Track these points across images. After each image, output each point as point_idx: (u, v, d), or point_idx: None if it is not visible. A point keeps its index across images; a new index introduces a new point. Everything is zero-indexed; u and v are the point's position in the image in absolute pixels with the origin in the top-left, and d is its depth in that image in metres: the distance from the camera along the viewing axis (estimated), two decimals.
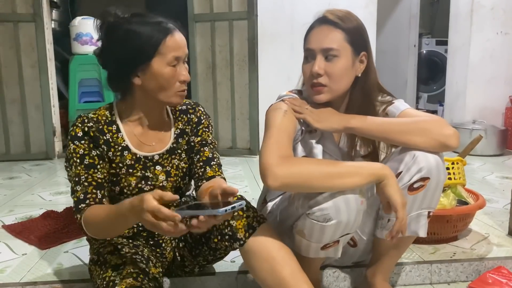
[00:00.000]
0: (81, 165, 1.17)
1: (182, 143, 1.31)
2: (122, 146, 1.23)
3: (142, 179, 1.23)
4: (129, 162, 1.23)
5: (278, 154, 1.12)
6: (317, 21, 1.24)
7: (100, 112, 1.24)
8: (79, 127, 1.19)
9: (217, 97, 3.60)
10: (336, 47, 1.19)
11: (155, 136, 1.27)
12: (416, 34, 5.44)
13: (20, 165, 3.35)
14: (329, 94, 1.23)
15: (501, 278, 1.46)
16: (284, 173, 1.08)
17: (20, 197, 2.47)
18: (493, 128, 3.49)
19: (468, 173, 2.36)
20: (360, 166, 1.12)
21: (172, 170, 1.28)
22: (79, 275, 1.47)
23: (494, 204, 2.20)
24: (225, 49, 3.52)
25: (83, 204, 1.15)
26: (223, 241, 1.18)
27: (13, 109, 3.48)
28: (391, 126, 1.20)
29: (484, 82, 3.77)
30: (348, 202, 1.09)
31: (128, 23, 1.17)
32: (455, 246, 1.67)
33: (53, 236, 1.79)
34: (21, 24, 3.39)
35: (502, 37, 3.71)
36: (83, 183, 1.16)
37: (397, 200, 1.08)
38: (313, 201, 1.11)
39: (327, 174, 1.08)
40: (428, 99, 5.73)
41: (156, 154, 1.26)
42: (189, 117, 1.33)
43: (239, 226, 1.15)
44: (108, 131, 1.22)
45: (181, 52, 1.18)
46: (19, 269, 1.52)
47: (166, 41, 1.15)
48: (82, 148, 1.18)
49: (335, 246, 1.19)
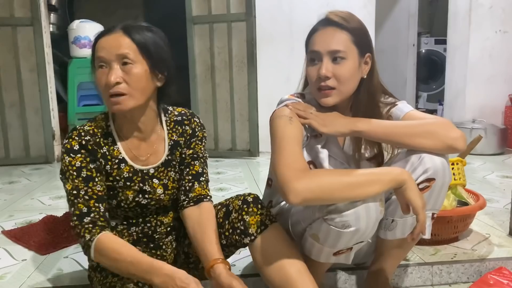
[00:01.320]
0: (78, 178, 1.14)
1: (177, 154, 1.28)
2: (119, 159, 1.20)
3: (140, 193, 1.21)
4: (127, 175, 1.21)
5: (295, 168, 1.09)
6: (320, 23, 1.22)
7: (95, 124, 1.21)
8: (76, 140, 1.16)
9: (217, 98, 3.60)
10: (343, 49, 1.18)
11: (148, 149, 1.24)
12: (415, 33, 5.44)
13: (20, 169, 3.34)
14: (337, 97, 1.22)
15: (502, 279, 1.45)
16: (304, 188, 1.05)
17: (20, 201, 2.47)
18: (493, 127, 3.48)
19: (468, 173, 2.35)
20: (379, 173, 1.10)
21: (169, 183, 1.26)
22: (79, 280, 1.47)
23: (495, 204, 2.19)
24: (224, 50, 3.52)
25: (87, 217, 1.11)
26: (235, 235, 1.18)
27: (12, 113, 3.47)
28: (397, 129, 1.19)
29: (484, 80, 3.76)
30: (369, 211, 1.09)
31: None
32: (456, 247, 1.66)
33: (53, 242, 1.78)
34: (20, 28, 3.39)
35: (501, 36, 3.71)
36: (83, 196, 1.13)
37: (418, 203, 1.08)
38: (333, 207, 1.09)
39: (348, 185, 1.06)
40: (427, 98, 5.73)
41: (152, 167, 1.24)
42: (184, 128, 1.29)
43: (252, 221, 1.16)
44: (104, 144, 1.20)
45: (104, 52, 1.11)
46: (19, 275, 1.52)
47: (98, 43, 1.14)
48: (78, 161, 1.14)
49: (347, 253, 1.18)
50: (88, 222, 1.11)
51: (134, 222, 1.26)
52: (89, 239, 1.09)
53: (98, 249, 1.09)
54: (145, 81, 1.13)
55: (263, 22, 3.49)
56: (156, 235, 1.29)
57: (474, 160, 3.24)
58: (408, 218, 1.21)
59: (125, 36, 1.11)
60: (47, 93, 3.47)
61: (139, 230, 1.27)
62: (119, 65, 1.11)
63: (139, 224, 1.27)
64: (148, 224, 1.28)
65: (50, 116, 3.50)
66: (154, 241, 1.29)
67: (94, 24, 3.61)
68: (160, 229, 1.29)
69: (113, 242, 1.10)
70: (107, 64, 1.11)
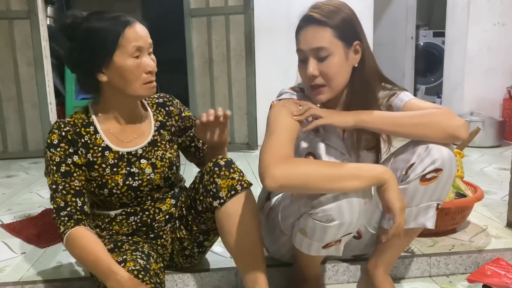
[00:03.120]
0: (57, 173, 1.19)
1: (164, 134, 1.33)
2: (102, 147, 1.24)
3: (129, 176, 1.24)
4: (112, 161, 1.24)
5: (277, 154, 1.10)
6: (302, 21, 1.22)
7: (76, 116, 1.26)
8: (55, 133, 1.20)
9: (215, 92, 3.59)
10: (326, 45, 1.17)
11: (135, 130, 1.29)
12: (413, 26, 5.42)
13: (18, 163, 3.34)
14: (330, 93, 1.23)
15: (499, 270, 1.46)
16: (282, 174, 1.06)
17: (19, 195, 2.47)
18: (490, 120, 3.49)
19: (466, 165, 2.36)
20: (361, 168, 1.10)
21: (157, 162, 1.29)
22: (79, 273, 1.47)
23: (493, 195, 2.20)
24: (222, 43, 3.51)
25: (64, 211, 1.17)
26: (208, 197, 1.19)
27: (10, 107, 3.46)
28: (400, 119, 1.19)
29: (482, 73, 3.76)
30: (351, 204, 1.09)
31: (86, 22, 1.18)
32: (454, 238, 1.67)
33: (52, 235, 1.78)
34: (16, 21, 3.37)
35: (499, 28, 3.70)
36: (61, 191, 1.18)
37: (396, 205, 1.08)
38: (316, 201, 1.10)
39: (326, 177, 1.07)
40: (426, 91, 5.73)
41: (139, 147, 1.27)
42: (169, 109, 1.36)
43: (223, 185, 1.17)
44: (86, 133, 1.24)
45: (142, 42, 1.19)
46: (19, 268, 1.52)
47: (125, 33, 1.16)
48: (58, 156, 1.19)
49: (336, 245, 1.19)
50: (65, 215, 1.17)
51: (133, 211, 1.28)
52: (62, 231, 1.17)
53: (69, 242, 1.16)
54: None
55: (261, 15, 3.48)
56: (155, 224, 1.30)
57: (472, 152, 3.25)
58: (412, 209, 1.22)
59: None
60: (44, 87, 3.46)
61: (138, 219, 1.28)
62: None
63: (137, 213, 1.28)
64: (147, 213, 1.29)
65: (48, 110, 3.49)
66: (154, 230, 1.30)
67: None
68: (158, 217, 1.30)
69: (83, 238, 1.16)
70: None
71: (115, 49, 1.16)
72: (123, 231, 1.29)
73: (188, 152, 1.45)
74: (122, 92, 1.21)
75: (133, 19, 1.19)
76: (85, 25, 1.18)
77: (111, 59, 1.17)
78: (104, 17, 1.18)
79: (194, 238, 1.32)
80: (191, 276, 1.44)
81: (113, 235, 1.30)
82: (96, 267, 1.13)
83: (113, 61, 1.17)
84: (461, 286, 1.46)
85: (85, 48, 1.18)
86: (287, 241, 1.30)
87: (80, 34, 1.18)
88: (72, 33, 1.20)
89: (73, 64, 1.24)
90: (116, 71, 1.18)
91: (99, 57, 1.17)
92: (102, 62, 1.17)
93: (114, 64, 1.17)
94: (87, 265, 1.18)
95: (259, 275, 1.20)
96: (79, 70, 1.24)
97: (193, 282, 1.44)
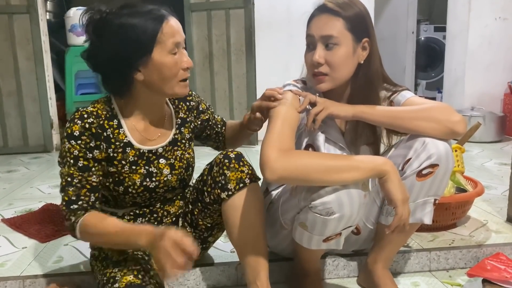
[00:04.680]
0: (74, 166, 1.13)
1: (185, 132, 1.30)
2: (124, 143, 1.18)
3: (146, 176, 1.20)
4: (132, 159, 1.19)
5: (278, 147, 1.11)
6: (317, 9, 1.23)
7: (99, 106, 1.17)
8: (78, 124, 1.12)
9: (215, 87, 3.59)
10: (336, 34, 1.19)
11: (159, 129, 1.24)
12: (414, 20, 5.40)
13: (18, 158, 3.34)
14: (331, 83, 1.23)
15: (499, 265, 1.47)
16: (281, 166, 1.08)
17: (19, 190, 2.47)
18: (491, 115, 3.48)
19: (467, 160, 2.36)
20: (361, 160, 1.11)
21: (176, 162, 1.26)
22: (80, 268, 1.48)
23: (493, 190, 2.20)
24: (222, 38, 3.49)
25: (75, 205, 1.12)
26: (216, 189, 1.18)
27: (10, 102, 3.45)
28: (399, 113, 1.20)
29: (483, 68, 3.75)
30: (351, 196, 1.09)
31: (118, 17, 1.10)
32: (454, 233, 1.67)
33: (52, 229, 1.79)
34: (16, 16, 3.35)
35: (501, 23, 3.69)
36: (76, 184, 1.12)
37: (397, 196, 1.08)
38: (316, 195, 1.10)
39: (325, 168, 1.07)
40: (426, 86, 5.72)
41: (160, 146, 1.23)
42: (189, 104, 1.33)
43: (232, 177, 1.16)
44: (109, 126, 1.16)
45: (179, 37, 1.14)
46: (20, 262, 1.53)
47: (163, 29, 1.10)
48: (77, 149, 1.12)
49: (337, 239, 1.19)
50: (75, 208, 1.12)
51: (141, 213, 1.26)
52: (74, 221, 1.11)
53: (83, 229, 1.11)
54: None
55: (261, 9, 3.46)
56: (162, 226, 1.29)
57: (473, 147, 3.24)
58: (410, 204, 1.22)
59: None
60: (44, 82, 3.45)
61: (145, 221, 1.27)
62: None
63: (146, 214, 1.27)
64: (155, 215, 1.28)
65: (48, 105, 3.49)
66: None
67: None
68: (166, 219, 1.29)
69: (98, 218, 1.12)
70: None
71: (154, 45, 1.09)
72: None
73: (209, 139, 1.44)
74: (158, 90, 1.15)
75: (167, 12, 1.13)
76: (117, 21, 1.09)
77: (150, 57, 1.10)
78: (138, 12, 1.10)
79: (198, 235, 1.32)
80: (191, 271, 1.44)
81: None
82: (121, 235, 1.07)
83: (152, 58, 1.10)
84: (461, 280, 1.46)
85: (119, 46, 1.09)
86: (287, 235, 1.30)
87: (113, 31, 1.09)
88: (102, 30, 1.10)
89: (101, 64, 1.14)
90: (155, 68, 1.11)
91: (136, 55, 1.10)
92: (140, 61, 1.10)
93: (152, 61, 1.10)
94: (110, 239, 1.10)
95: (261, 269, 1.20)
96: (110, 69, 1.13)
97: (193, 277, 1.45)
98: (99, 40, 1.12)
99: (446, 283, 1.45)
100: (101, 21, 1.11)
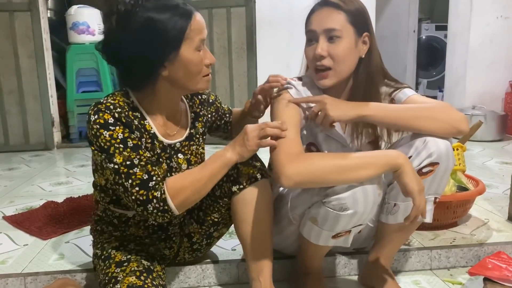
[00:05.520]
0: (127, 149, 1.06)
1: (198, 126, 1.29)
2: (151, 134, 1.15)
3: (168, 172, 1.19)
4: (158, 151, 1.17)
5: (289, 152, 1.11)
6: (318, 4, 1.24)
7: (118, 98, 1.11)
8: (108, 113, 1.06)
9: (216, 85, 3.58)
10: (339, 27, 1.19)
11: (176, 124, 1.23)
12: (416, 19, 5.40)
13: (19, 156, 3.34)
14: (334, 78, 1.23)
15: (500, 263, 1.46)
16: (296, 172, 1.08)
17: (20, 188, 2.47)
18: (492, 114, 3.48)
19: (468, 159, 2.36)
20: (374, 156, 1.11)
21: (192, 157, 1.26)
22: (81, 265, 1.48)
23: (494, 189, 2.20)
24: (223, 36, 3.49)
25: (151, 182, 1.06)
26: (228, 182, 1.18)
27: (11, 100, 3.46)
28: (403, 112, 1.19)
29: (484, 67, 3.74)
30: (367, 193, 1.09)
31: (145, 10, 1.04)
32: (455, 232, 1.67)
33: (54, 227, 1.79)
34: (17, 14, 3.36)
35: (502, 21, 3.68)
36: (139, 164, 1.06)
37: (414, 187, 1.08)
38: (331, 190, 1.10)
39: (340, 169, 1.07)
40: (427, 85, 5.71)
41: (178, 141, 1.22)
42: (201, 98, 1.34)
43: (244, 172, 1.17)
44: (134, 117, 1.12)
45: (205, 34, 1.12)
46: (21, 260, 1.53)
47: (191, 25, 1.07)
48: (120, 132, 1.06)
49: (346, 236, 1.19)
50: (154, 184, 1.06)
51: None
52: (161, 194, 1.07)
53: (173, 192, 1.08)
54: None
55: (262, 7, 3.46)
56: (170, 227, 1.28)
57: (474, 146, 3.24)
58: (410, 202, 1.22)
59: None
60: (45, 80, 3.46)
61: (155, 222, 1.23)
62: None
63: None
64: None
65: (49, 103, 3.49)
66: (168, 232, 1.29)
67: (92, 10, 3.56)
68: (175, 220, 1.29)
69: (175, 177, 1.12)
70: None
71: (182, 42, 1.07)
72: (139, 234, 1.25)
73: (218, 129, 1.44)
74: (182, 86, 1.14)
75: (192, 7, 1.10)
76: (145, 14, 1.04)
77: (178, 53, 1.07)
78: (165, 5, 1.06)
79: (204, 230, 1.32)
80: (192, 269, 1.44)
81: (126, 237, 1.25)
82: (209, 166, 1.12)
83: (179, 55, 1.07)
84: (462, 279, 1.46)
85: (146, 41, 1.05)
86: (293, 232, 1.30)
87: (139, 24, 1.04)
88: (128, 23, 1.05)
89: (123, 58, 1.09)
90: (181, 65, 1.08)
91: (164, 51, 1.06)
92: (167, 56, 1.07)
93: (180, 58, 1.08)
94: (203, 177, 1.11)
95: (265, 265, 1.20)
96: (134, 64, 1.08)
97: (194, 275, 1.45)
98: (122, 33, 1.06)
99: (447, 282, 1.45)
100: (126, 13, 1.05)
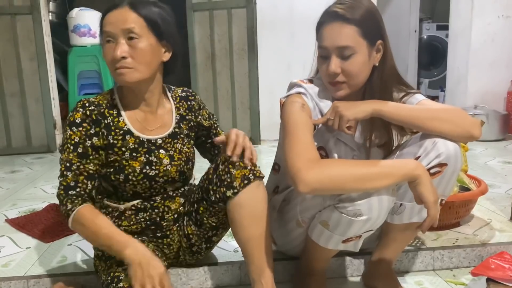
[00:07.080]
0: (74, 153, 1.18)
1: (183, 128, 1.33)
2: (124, 130, 1.23)
3: (146, 164, 1.23)
4: (132, 146, 1.23)
5: (306, 157, 1.10)
6: (327, 16, 1.19)
7: (101, 97, 1.25)
8: (80, 112, 1.20)
9: (217, 86, 3.59)
10: (351, 44, 1.16)
11: (157, 120, 1.29)
12: (417, 19, 5.39)
13: (22, 158, 3.35)
14: (349, 89, 1.22)
15: (503, 263, 1.46)
16: (314, 178, 1.06)
17: (23, 190, 2.48)
18: (494, 113, 3.47)
19: (470, 159, 2.35)
20: (393, 166, 1.10)
21: (175, 154, 1.28)
22: (83, 268, 1.48)
23: (496, 189, 2.20)
24: (224, 38, 3.49)
25: (73, 191, 1.16)
26: (221, 187, 1.18)
27: (13, 103, 3.46)
28: (418, 112, 1.19)
29: (486, 66, 3.74)
30: (382, 200, 1.10)
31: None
32: (458, 232, 1.67)
33: (56, 229, 1.79)
34: (19, 17, 3.37)
35: (504, 21, 3.67)
36: (75, 170, 1.18)
37: (430, 198, 1.08)
38: (346, 196, 1.10)
39: (359, 177, 1.07)
40: (429, 84, 5.70)
41: (159, 137, 1.27)
42: (190, 103, 1.36)
43: (238, 175, 1.17)
44: (109, 114, 1.23)
45: (111, 28, 1.15)
46: (23, 262, 1.53)
47: (105, 18, 1.17)
48: (77, 136, 1.19)
49: (356, 240, 1.19)
50: (73, 194, 1.16)
51: (142, 208, 1.27)
52: (70, 209, 1.15)
53: (78, 219, 1.14)
54: (150, 55, 1.18)
55: (263, 8, 3.46)
56: (164, 222, 1.29)
57: (476, 146, 3.23)
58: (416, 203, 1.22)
59: (131, 11, 1.16)
60: (47, 82, 3.46)
61: (147, 216, 1.27)
62: (125, 39, 1.15)
63: (147, 209, 1.27)
64: (156, 210, 1.28)
65: (51, 105, 3.50)
66: (162, 228, 1.30)
67: (93, 12, 3.58)
68: (167, 215, 1.30)
69: (93, 213, 1.16)
70: (114, 39, 1.16)
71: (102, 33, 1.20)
72: (132, 228, 1.27)
73: (204, 148, 1.45)
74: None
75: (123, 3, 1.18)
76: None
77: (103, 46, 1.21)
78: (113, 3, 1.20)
79: (203, 234, 1.32)
80: (195, 270, 1.44)
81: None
82: (111, 239, 1.11)
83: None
84: (465, 279, 1.46)
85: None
86: (300, 235, 1.30)
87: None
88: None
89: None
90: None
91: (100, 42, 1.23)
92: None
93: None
94: (99, 238, 1.14)
95: (266, 267, 1.20)
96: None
97: (196, 276, 1.45)
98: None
99: (450, 282, 1.45)
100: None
